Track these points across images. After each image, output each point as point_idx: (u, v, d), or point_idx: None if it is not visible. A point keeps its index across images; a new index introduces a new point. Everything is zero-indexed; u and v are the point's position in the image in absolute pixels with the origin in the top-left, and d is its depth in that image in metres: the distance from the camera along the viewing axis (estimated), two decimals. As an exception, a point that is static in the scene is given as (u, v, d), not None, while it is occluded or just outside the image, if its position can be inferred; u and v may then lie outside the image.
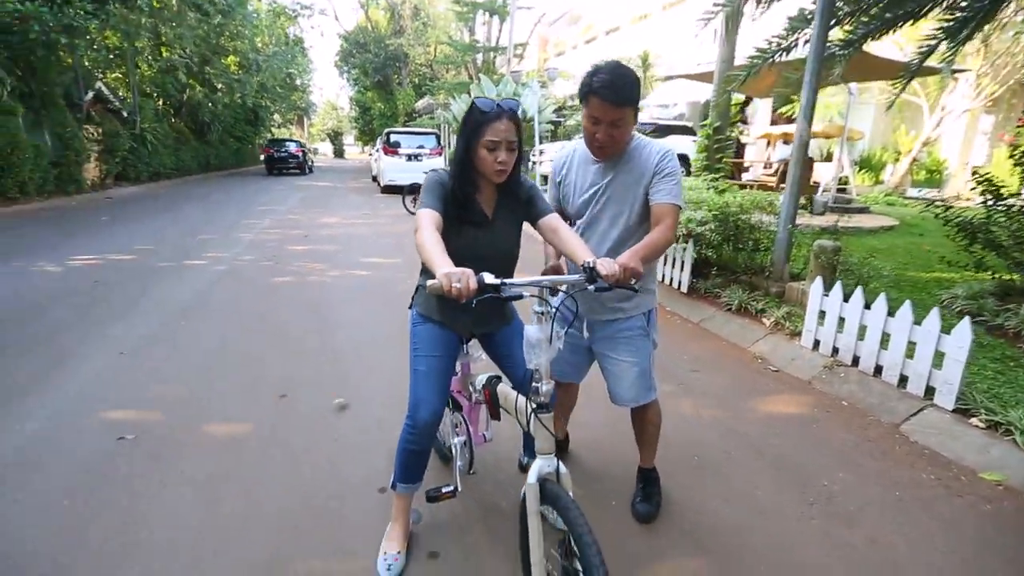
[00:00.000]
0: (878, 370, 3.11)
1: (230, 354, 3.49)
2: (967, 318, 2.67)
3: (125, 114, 15.52)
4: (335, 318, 4.21)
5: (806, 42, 4.85)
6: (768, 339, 3.85)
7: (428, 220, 1.51)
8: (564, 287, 1.43)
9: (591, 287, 1.37)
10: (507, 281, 1.29)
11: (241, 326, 4.03)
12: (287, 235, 7.96)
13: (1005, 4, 4.88)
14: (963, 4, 4.83)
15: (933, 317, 2.79)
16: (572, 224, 1.88)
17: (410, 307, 1.82)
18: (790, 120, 13.39)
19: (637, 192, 1.75)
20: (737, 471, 2.37)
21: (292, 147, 22.04)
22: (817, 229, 7.18)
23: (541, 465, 1.39)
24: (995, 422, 2.54)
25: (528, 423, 1.47)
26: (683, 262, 4.88)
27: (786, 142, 11.36)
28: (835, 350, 3.39)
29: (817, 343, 3.51)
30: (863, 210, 9.06)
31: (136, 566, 1.71)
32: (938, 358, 2.79)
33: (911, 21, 4.79)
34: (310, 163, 24.41)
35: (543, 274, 1.79)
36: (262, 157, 24.09)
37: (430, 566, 1.77)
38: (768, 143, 12.93)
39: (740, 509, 2.10)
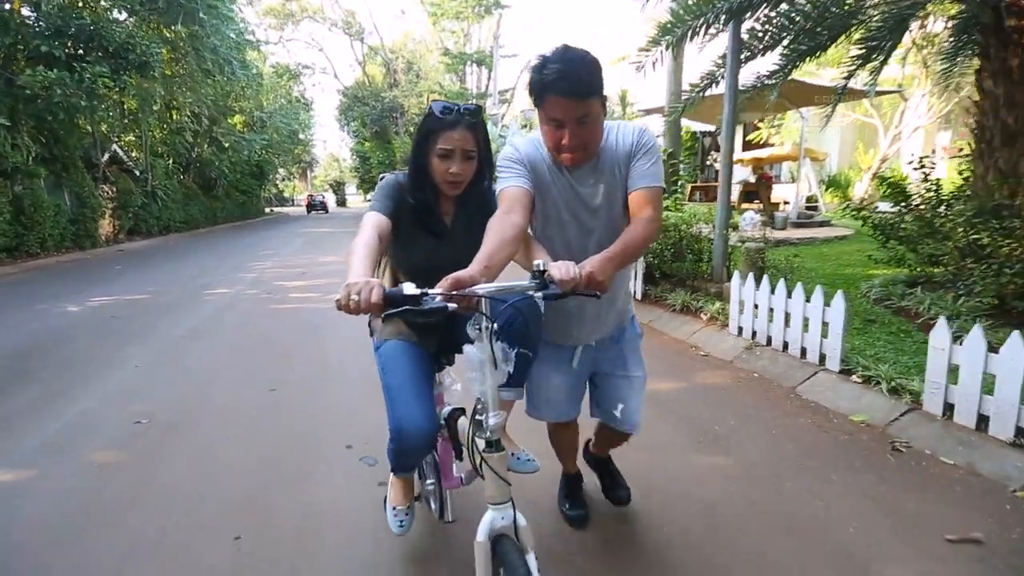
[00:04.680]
0: (785, 346, 3.59)
1: (228, 363, 4.03)
2: (840, 292, 3.19)
3: (138, 173, 16.58)
4: (325, 334, 4.74)
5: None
6: (703, 331, 4.35)
7: (369, 223, 1.38)
8: (507, 297, 1.19)
9: (538, 295, 1.14)
10: (431, 292, 1.05)
11: (240, 343, 4.58)
12: (287, 272, 8.61)
13: (905, 31, 5.59)
14: (868, 36, 5.55)
15: (817, 295, 3.30)
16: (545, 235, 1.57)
17: (371, 335, 1.68)
18: (759, 146, 14.21)
19: (620, 185, 1.47)
20: (650, 428, 2.82)
21: (319, 198, 38.85)
22: (773, 241, 7.77)
23: (493, 518, 1.17)
24: (869, 376, 3.01)
25: (478, 464, 1.22)
26: (635, 271, 5.42)
27: (756, 168, 12.11)
28: (754, 333, 3.88)
29: (741, 329, 4.01)
30: (824, 223, 9.63)
31: (149, 502, 2.20)
32: (826, 329, 3.29)
33: (818, 53, 5.46)
34: (327, 206, 39.29)
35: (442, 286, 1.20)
36: (305, 203, 40.21)
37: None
38: (742, 166, 13.70)
39: (641, 452, 2.55)
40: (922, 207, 4.24)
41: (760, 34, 5.05)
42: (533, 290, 1.14)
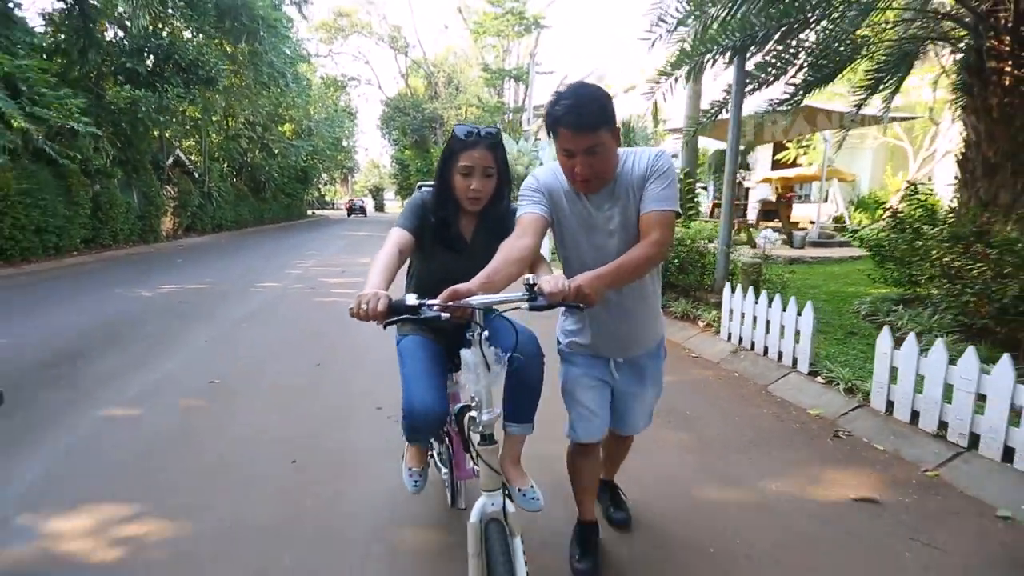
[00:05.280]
0: (765, 351, 4.01)
1: (280, 342, 4.70)
2: (809, 303, 3.60)
3: (196, 175, 17.96)
4: (361, 324, 5.36)
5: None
6: (698, 336, 4.78)
7: (392, 239, 1.57)
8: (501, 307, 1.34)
9: (526, 306, 1.27)
10: (429, 302, 1.22)
11: (289, 327, 5.27)
12: (328, 271, 9.40)
13: (912, 64, 5.90)
14: (875, 68, 5.89)
15: (791, 305, 3.72)
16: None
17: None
18: (787, 165, 14.37)
19: (635, 208, 1.53)
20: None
21: (359, 203, 41.22)
22: (785, 259, 8.08)
23: (484, 503, 1.31)
24: (832, 378, 3.42)
25: (474, 456, 1.36)
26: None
27: (785, 187, 12.33)
28: (740, 339, 4.30)
29: (731, 335, 4.43)
30: (845, 244, 9.80)
31: (226, 435, 2.84)
32: (798, 336, 3.69)
33: (824, 84, 5.82)
34: (366, 210, 41.74)
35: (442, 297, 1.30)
36: (345, 207, 43.46)
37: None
38: (770, 185, 13.91)
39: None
40: (906, 231, 4.57)
41: (767, 67, 5.47)
42: (523, 301, 1.26)
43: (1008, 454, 2.39)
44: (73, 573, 1.80)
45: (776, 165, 14.95)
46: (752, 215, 11.68)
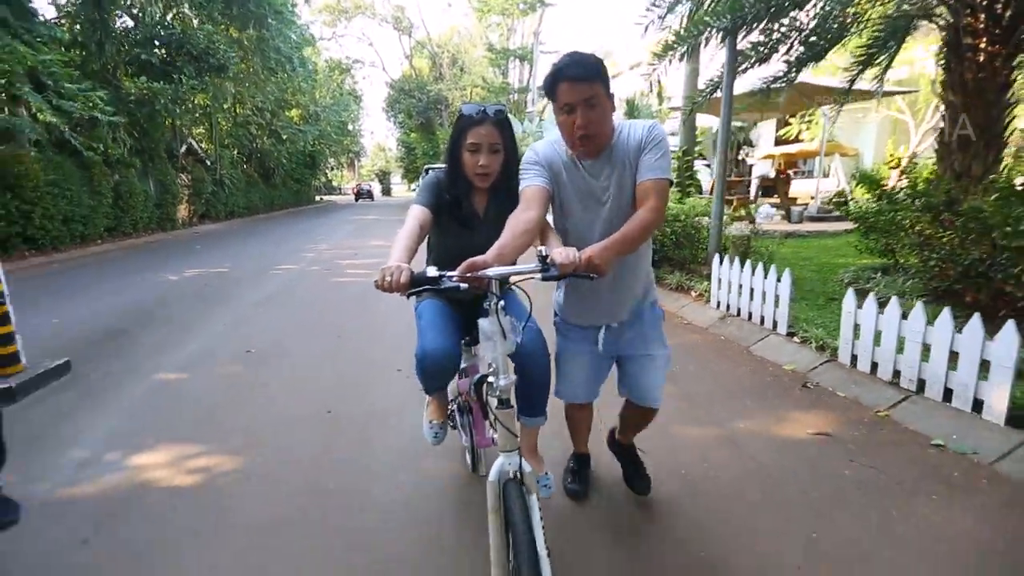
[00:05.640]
0: (750, 316, 4.34)
1: (304, 317, 5.12)
2: (788, 270, 3.92)
3: (208, 163, 18.34)
4: (377, 299, 5.78)
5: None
6: (691, 305, 5.12)
7: (412, 215, 1.68)
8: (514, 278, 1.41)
9: (539, 276, 1.35)
10: (448, 273, 1.30)
11: (311, 303, 5.69)
12: (341, 253, 9.80)
13: (904, 39, 6.07)
14: (868, 43, 6.06)
15: (772, 274, 4.04)
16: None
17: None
18: (790, 141, 14.45)
19: (630, 177, 1.61)
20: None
21: (366, 187, 40.95)
22: (783, 234, 8.34)
23: (502, 463, 1.37)
24: (806, 338, 3.76)
25: (492, 420, 1.43)
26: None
27: (788, 162, 12.47)
28: (728, 307, 4.64)
29: (719, 303, 4.77)
30: (841, 218, 9.99)
31: (264, 392, 3.25)
32: (778, 300, 4.02)
33: (817, 60, 6.01)
34: (373, 194, 41.84)
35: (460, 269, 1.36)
36: (353, 192, 42.87)
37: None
38: (773, 161, 14.03)
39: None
40: (884, 202, 4.84)
41: (759, 46, 5.68)
42: (536, 272, 1.35)
43: (948, 395, 2.74)
44: (159, 493, 2.23)
45: (779, 141, 15.03)
46: (754, 191, 11.86)
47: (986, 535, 1.92)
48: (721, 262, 4.70)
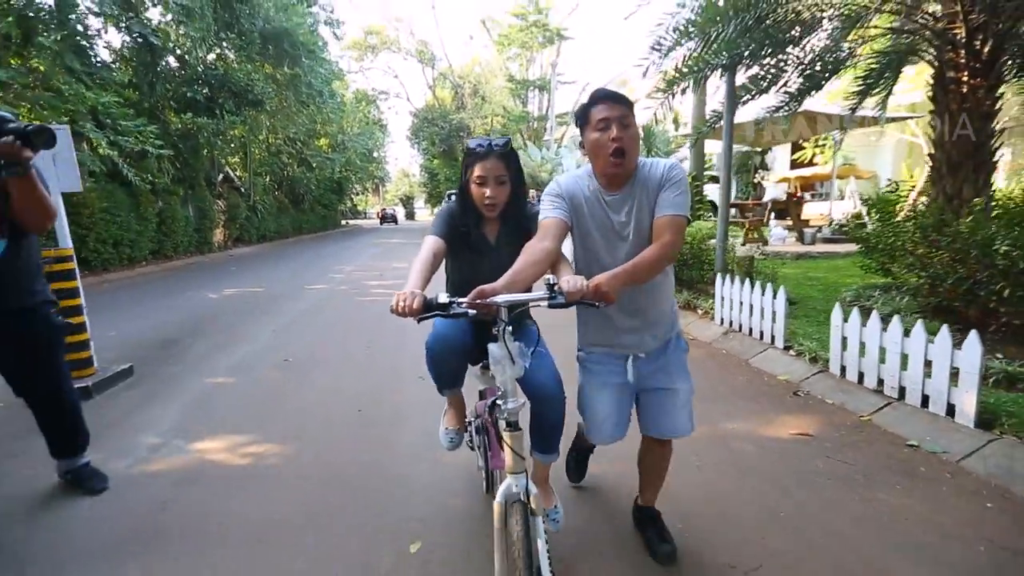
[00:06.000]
0: (750, 331, 4.60)
1: (335, 331, 5.55)
2: (782, 287, 4.19)
3: (242, 190, 19.36)
4: (396, 317, 6.19)
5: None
6: (696, 321, 5.39)
7: (427, 245, 1.74)
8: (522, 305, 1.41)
9: (545, 304, 1.36)
10: (457, 300, 1.35)
11: (341, 319, 6.13)
12: (368, 275, 10.32)
13: (902, 68, 6.36)
14: (864, 74, 6.37)
15: (768, 291, 4.32)
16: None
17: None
18: (803, 165, 14.66)
19: (648, 213, 1.65)
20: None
21: (391, 211, 43.96)
22: (794, 255, 8.56)
23: (509, 484, 1.39)
24: (801, 351, 4.00)
25: (500, 442, 1.47)
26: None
27: (804, 185, 12.68)
28: (731, 323, 4.90)
29: (722, 320, 5.03)
30: (853, 240, 10.12)
31: (301, 396, 3.64)
32: (775, 316, 4.28)
33: (816, 91, 6.34)
34: (397, 219, 44.43)
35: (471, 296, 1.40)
36: (378, 216, 45.84)
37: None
38: (788, 184, 14.24)
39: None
40: (882, 224, 5.09)
41: (758, 79, 6.04)
42: (544, 299, 1.35)
43: (925, 401, 2.97)
44: (218, 470, 2.61)
45: (794, 164, 15.24)
46: (766, 214, 12.07)
47: (941, 519, 2.16)
48: (723, 281, 4.99)
